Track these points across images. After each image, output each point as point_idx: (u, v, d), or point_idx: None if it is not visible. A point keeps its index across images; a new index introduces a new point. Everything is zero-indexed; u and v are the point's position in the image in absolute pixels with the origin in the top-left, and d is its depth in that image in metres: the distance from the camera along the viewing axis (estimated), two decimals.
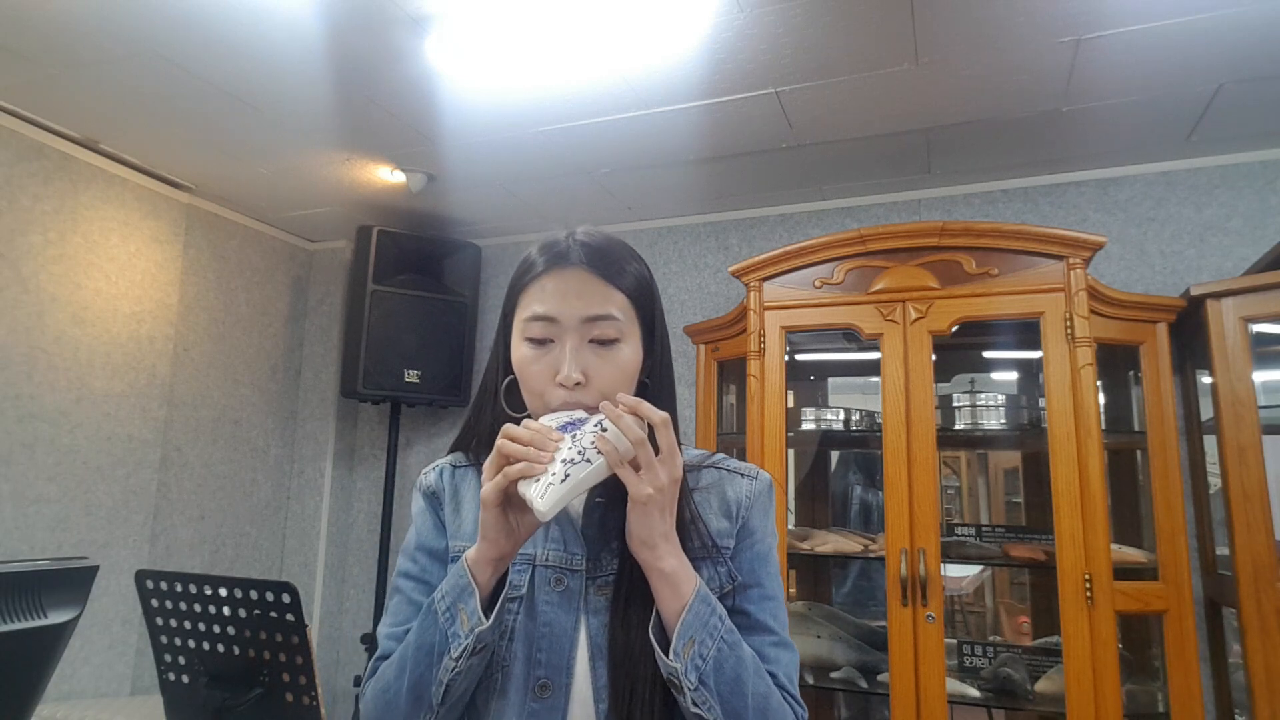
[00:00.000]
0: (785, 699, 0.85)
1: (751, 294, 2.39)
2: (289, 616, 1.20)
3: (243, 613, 1.22)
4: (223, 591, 1.22)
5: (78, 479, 2.69)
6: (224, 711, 1.21)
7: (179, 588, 1.25)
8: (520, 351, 0.90)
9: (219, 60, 2.14)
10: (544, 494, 0.75)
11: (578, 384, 0.86)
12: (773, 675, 0.85)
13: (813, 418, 2.59)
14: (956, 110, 2.29)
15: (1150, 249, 2.58)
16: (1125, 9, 1.83)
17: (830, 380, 2.94)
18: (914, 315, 2.23)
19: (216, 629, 1.24)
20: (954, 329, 2.21)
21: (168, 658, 1.28)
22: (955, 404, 2.43)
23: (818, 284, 2.34)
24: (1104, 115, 2.30)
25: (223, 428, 3.24)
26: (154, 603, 1.27)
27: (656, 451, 0.79)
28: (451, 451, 1.01)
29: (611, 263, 0.90)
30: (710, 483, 0.95)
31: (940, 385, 2.43)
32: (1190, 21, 1.86)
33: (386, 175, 2.88)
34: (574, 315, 0.87)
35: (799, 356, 2.84)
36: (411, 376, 3.11)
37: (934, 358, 2.21)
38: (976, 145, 2.51)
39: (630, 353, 0.89)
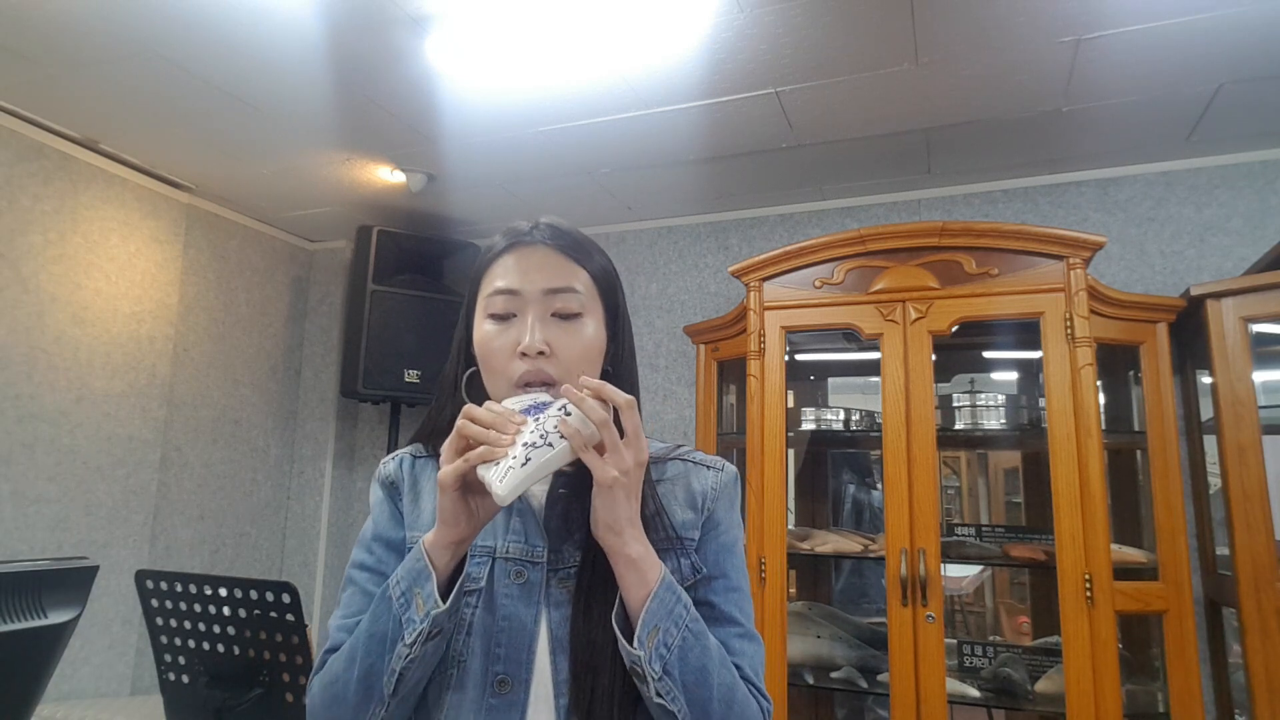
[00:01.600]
0: (751, 692, 0.83)
1: (751, 294, 2.39)
2: (289, 616, 1.20)
3: (243, 613, 1.22)
4: (223, 591, 1.22)
5: (78, 479, 2.69)
6: (224, 711, 1.21)
7: (179, 588, 1.25)
8: (482, 330, 0.88)
9: (219, 60, 2.14)
10: (503, 477, 0.72)
11: (540, 353, 0.84)
12: (738, 668, 0.83)
13: (813, 418, 2.59)
14: (956, 110, 2.29)
15: (1150, 249, 2.58)
16: (1125, 9, 1.83)
17: (830, 380, 2.94)
18: (914, 315, 2.23)
19: (216, 629, 1.24)
20: (954, 329, 2.21)
21: (168, 658, 1.28)
22: (955, 404, 2.43)
23: (818, 284, 2.34)
24: (1104, 115, 2.30)
25: (223, 428, 3.24)
26: (154, 603, 1.27)
27: (621, 434, 0.77)
28: (412, 442, 0.98)
29: (574, 243, 0.90)
30: (675, 474, 0.93)
31: (940, 385, 2.43)
32: (1190, 21, 1.86)
33: (386, 175, 2.88)
34: (536, 287, 0.86)
35: (799, 356, 2.84)
36: (411, 376, 3.11)
37: (934, 358, 2.21)
38: (976, 145, 2.51)
39: (593, 330, 0.88)
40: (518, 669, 0.83)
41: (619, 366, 0.93)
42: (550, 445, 0.74)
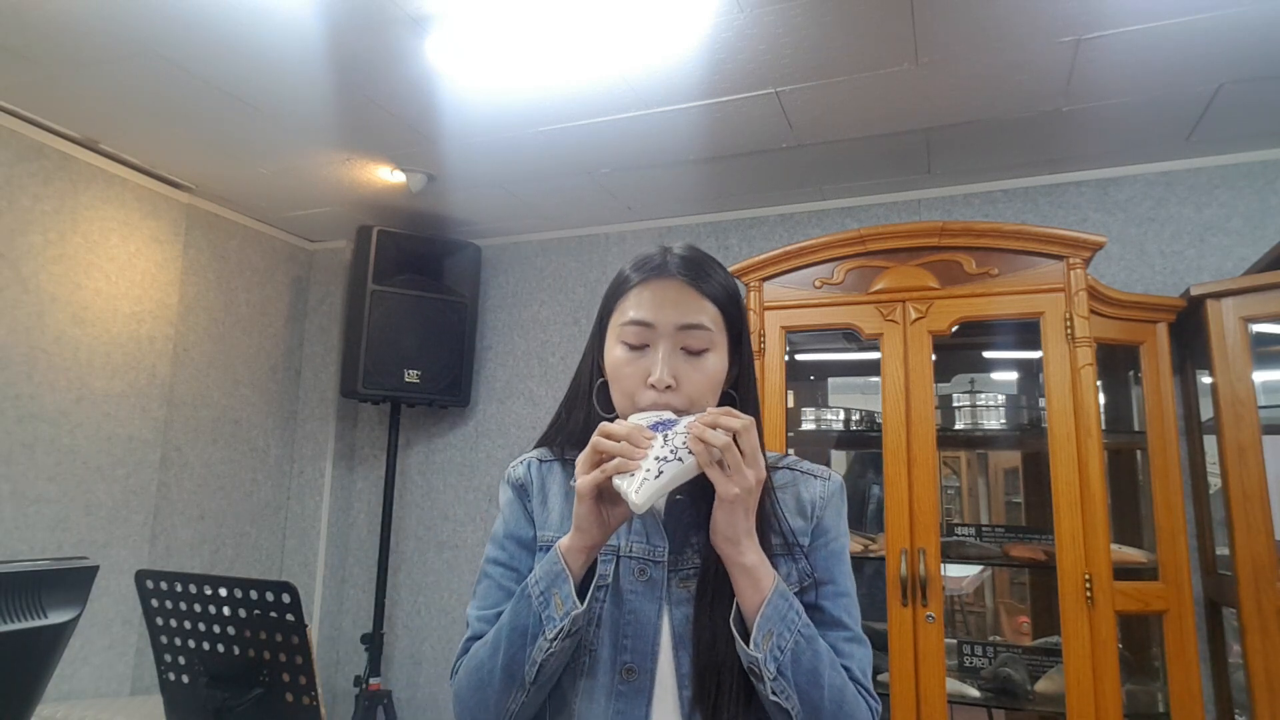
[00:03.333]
0: (859, 692, 0.90)
1: (752, 294, 2.39)
2: (289, 616, 1.20)
3: (243, 613, 1.22)
4: (223, 591, 1.22)
5: (78, 479, 2.69)
6: (224, 711, 1.21)
7: (179, 588, 1.25)
8: (614, 353, 0.96)
9: (219, 60, 2.14)
10: (639, 488, 0.80)
11: (668, 387, 0.91)
12: (847, 669, 0.90)
13: (813, 418, 2.59)
14: (956, 110, 2.29)
15: (1150, 249, 2.58)
16: (1125, 9, 1.83)
17: (830, 380, 2.94)
18: (914, 315, 2.23)
19: (216, 629, 1.24)
20: (954, 329, 2.21)
21: (168, 658, 1.28)
22: (955, 404, 2.43)
23: (818, 284, 2.34)
24: (1104, 115, 2.30)
25: (223, 428, 3.24)
26: (154, 603, 1.27)
27: (741, 454, 0.83)
28: (538, 446, 1.06)
29: (704, 276, 0.97)
30: (785, 483, 1.00)
31: (940, 385, 2.43)
32: (1190, 21, 1.86)
33: (386, 175, 2.88)
34: (669, 322, 0.93)
35: (799, 356, 2.84)
36: (411, 376, 3.11)
37: (934, 358, 2.21)
38: (976, 145, 2.51)
39: (716, 362, 0.95)
40: (643, 659, 0.91)
41: (740, 389, 1.01)
42: (680, 460, 0.82)
